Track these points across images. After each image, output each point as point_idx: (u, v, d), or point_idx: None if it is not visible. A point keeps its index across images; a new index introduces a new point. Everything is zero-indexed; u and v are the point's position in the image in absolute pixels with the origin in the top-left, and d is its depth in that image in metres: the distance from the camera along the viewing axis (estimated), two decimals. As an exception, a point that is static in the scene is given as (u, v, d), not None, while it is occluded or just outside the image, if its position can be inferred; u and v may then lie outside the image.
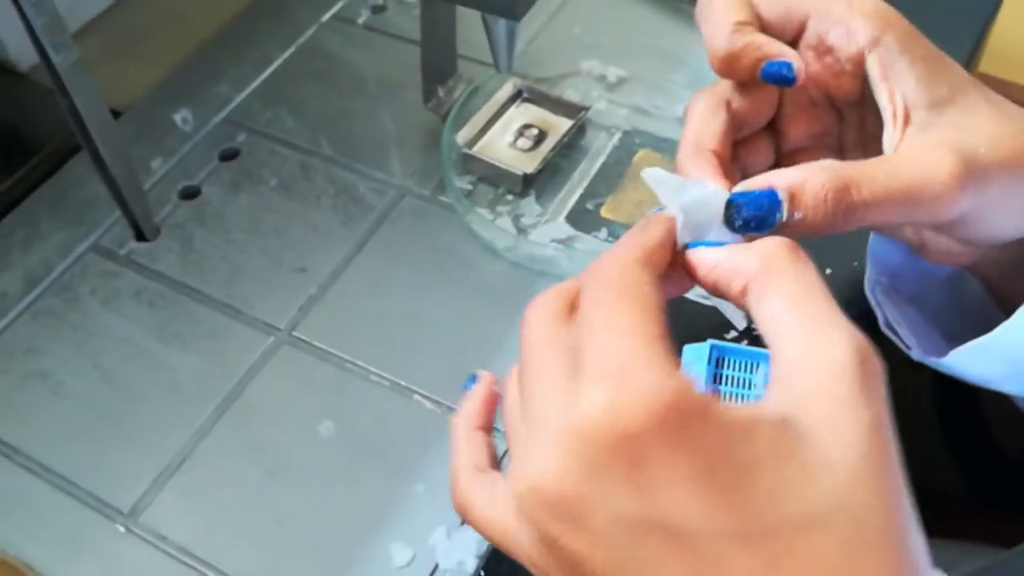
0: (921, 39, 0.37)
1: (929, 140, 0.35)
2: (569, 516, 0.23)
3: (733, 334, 0.52)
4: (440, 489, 0.49)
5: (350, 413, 0.53)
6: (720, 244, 0.32)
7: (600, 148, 0.64)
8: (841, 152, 0.41)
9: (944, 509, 0.56)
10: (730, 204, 0.33)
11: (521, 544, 0.26)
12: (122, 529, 0.49)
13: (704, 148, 0.36)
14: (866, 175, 0.33)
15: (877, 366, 0.24)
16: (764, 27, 0.38)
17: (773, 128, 0.41)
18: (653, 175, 0.33)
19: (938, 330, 0.45)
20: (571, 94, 0.66)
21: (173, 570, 0.47)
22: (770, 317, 0.26)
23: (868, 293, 0.46)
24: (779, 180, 0.32)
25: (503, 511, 0.27)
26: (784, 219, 0.32)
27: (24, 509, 0.50)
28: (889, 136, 0.37)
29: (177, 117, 0.69)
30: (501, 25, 0.55)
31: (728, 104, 0.38)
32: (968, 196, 0.34)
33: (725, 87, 0.38)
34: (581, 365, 0.25)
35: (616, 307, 0.25)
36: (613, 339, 0.24)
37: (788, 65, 0.36)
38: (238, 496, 0.50)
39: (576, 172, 0.63)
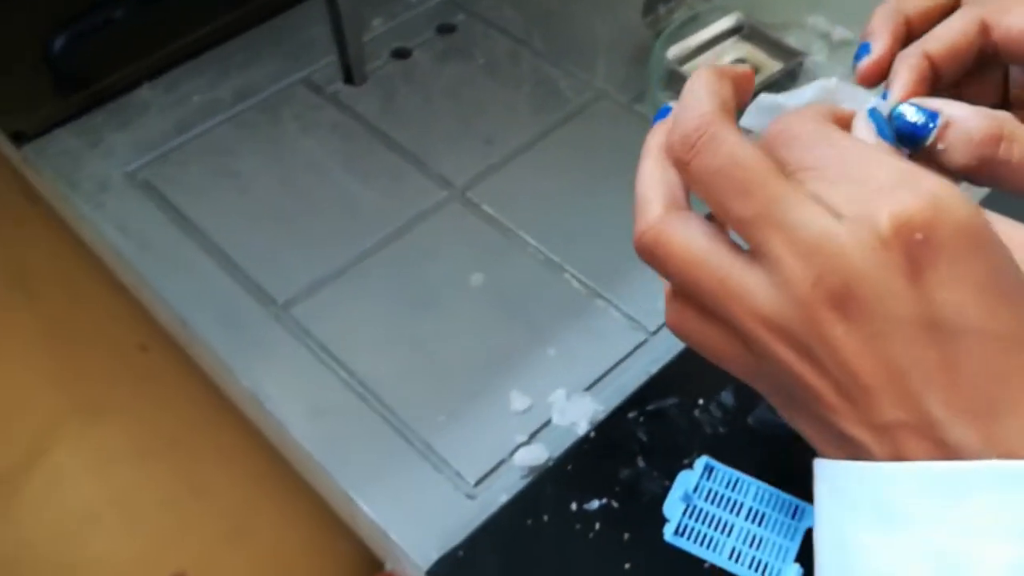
0: None
1: None
2: (852, 312, 0.25)
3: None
4: (570, 358, 0.50)
5: (502, 273, 0.54)
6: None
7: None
8: None
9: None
10: (892, 114, 0.33)
11: (746, 290, 0.26)
12: (273, 317, 0.52)
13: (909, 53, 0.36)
14: None
15: None
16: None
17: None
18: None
19: None
20: (791, 42, 0.65)
21: (310, 362, 0.50)
22: None
23: None
24: (946, 107, 0.32)
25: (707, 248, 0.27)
26: (930, 143, 0.32)
27: (191, 278, 0.54)
28: None
29: (404, -12, 0.72)
30: (742, -56, 0.55)
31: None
32: None
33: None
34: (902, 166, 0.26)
35: None
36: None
37: (865, 47, 0.37)
38: (384, 316, 0.52)
39: (777, 111, 0.62)
